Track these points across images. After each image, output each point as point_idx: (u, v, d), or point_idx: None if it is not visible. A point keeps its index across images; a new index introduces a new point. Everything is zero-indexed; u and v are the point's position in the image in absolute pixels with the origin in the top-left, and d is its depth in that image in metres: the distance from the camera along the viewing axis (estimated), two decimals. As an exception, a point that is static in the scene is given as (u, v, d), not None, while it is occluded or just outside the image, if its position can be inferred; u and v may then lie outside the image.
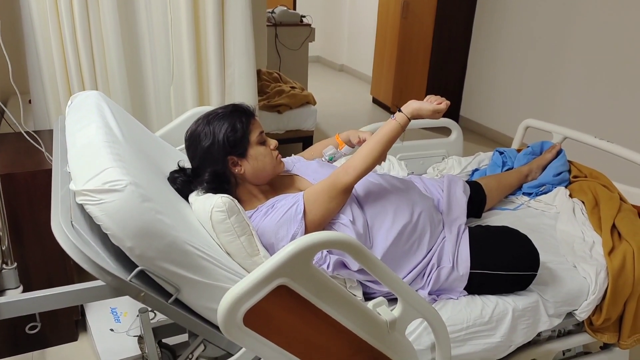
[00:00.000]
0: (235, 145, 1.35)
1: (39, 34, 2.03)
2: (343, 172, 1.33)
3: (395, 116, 1.38)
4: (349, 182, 1.33)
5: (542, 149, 2.13)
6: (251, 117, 1.40)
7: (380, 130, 1.38)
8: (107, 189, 0.96)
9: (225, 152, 1.34)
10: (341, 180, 1.32)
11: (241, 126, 1.35)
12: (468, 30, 4.56)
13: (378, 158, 1.36)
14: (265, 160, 1.39)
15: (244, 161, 1.37)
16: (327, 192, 1.32)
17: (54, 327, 1.91)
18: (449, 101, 1.41)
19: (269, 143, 1.43)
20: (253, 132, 1.38)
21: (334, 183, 1.33)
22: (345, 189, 1.33)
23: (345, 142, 1.69)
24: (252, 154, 1.37)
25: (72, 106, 1.41)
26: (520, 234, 1.50)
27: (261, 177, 1.41)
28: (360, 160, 1.33)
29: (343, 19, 7.10)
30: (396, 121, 1.37)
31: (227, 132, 1.34)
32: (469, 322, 1.35)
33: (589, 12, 3.41)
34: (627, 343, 1.58)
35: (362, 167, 1.33)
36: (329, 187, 1.33)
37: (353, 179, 1.33)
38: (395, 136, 1.37)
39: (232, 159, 1.36)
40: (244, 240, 1.21)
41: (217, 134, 1.33)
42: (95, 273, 0.96)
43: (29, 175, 1.71)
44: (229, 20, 2.34)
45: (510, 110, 4.24)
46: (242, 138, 1.35)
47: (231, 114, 1.36)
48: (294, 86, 3.88)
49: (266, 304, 0.94)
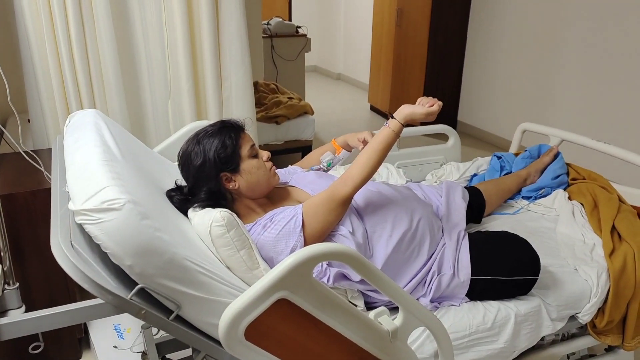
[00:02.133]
0: (226, 162, 1.34)
1: (36, 53, 2.05)
2: (341, 183, 1.33)
3: (389, 123, 1.38)
4: (348, 193, 1.33)
5: (539, 152, 2.13)
6: (240, 131, 1.39)
7: (375, 138, 1.38)
8: (105, 208, 0.96)
9: (217, 169, 1.34)
10: (339, 192, 1.32)
11: (231, 142, 1.34)
12: (463, 36, 4.58)
13: (375, 167, 1.36)
14: (259, 173, 1.38)
15: (237, 176, 1.36)
16: (326, 205, 1.32)
17: (58, 345, 1.91)
18: (440, 102, 1.40)
19: (262, 155, 1.42)
20: (244, 147, 1.37)
21: (333, 195, 1.33)
22: (344, 200, 1.33)
23: (343, 146, 1.70)
24: (245, 168, 1.36)
25: (69, 125, 1.42)
26: (520, 238, 1.50)
27: (257, 190, 1.40)
28: (357, 171, 1.34)
29: (338, 28, 7.14)
30: (390, 128, 1.37)
31: (217, 150, 1.33)
32: (472, 329, 1.34)
33: (582, 16, 3.43)
34: (632, 344, 1.58)
35: (359, 178, 1.33)
36: (328, 200, 1.33)
37: (351, 190, 1.33)
38: (391, 143, 1.37)
39: (225, 175, 1.36)
40: (244, 254, 1.21)
41: (207, 152, 1.33)
42: (95, 292, 0.96)
43: (29, 195, 1.71)
44: (224, 34, 2.36)
45: (508, 114, 4.25)
46: (232, 154, 1.35)
47: (220, 131, 1.36)
48: (292, 97, 3.90)
49: (267, 318, 0.94)
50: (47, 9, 2.00)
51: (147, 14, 2.24)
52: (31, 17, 2.00)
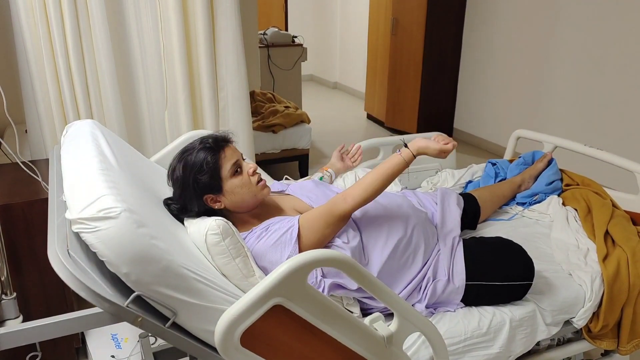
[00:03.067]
0: (207, 186, 1.33)
1: (33, 64, 2.06)
2: (342, 199, 1.33)
3: (401, 151, 1.39)
4: (347, 210, 1.33)
5: (533, 158, 2.15)
6: (220, 150, 1.35)
7: (384, 163, 1.38)
8: (101, 216, 0.97)
9: (199, 194, 1.33)
10: (339, 208, 1.33)
11: (208, 166, 1.31)
12: (458, 44, 4.62)
13: (378, 190, 1.36)
14: (243, 192, 1.36)
15: (221, 197, 1.35)
16: (323, 219, 1.33)
17: (55, 355, 1.91)
18: (456, 142, 1.43)
19: (246, 169, 1.39)
20: (224, 167, 1.34)
21: (331, 210, 1.33)
22: (342, 217, 1.34)
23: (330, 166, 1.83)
24: (228, 189, 1.35)
25: (67, 135, 1.43)
26: (514, 244, 1.51)
27: (243, 207, 1.39)
28: (360, 190, 1.34)
29: (334, 38, 7.19)
30: (401, 156, 1.38)
31: (195, 175, 1.31)
32: (467, 334, 1.35)
33: (575, 24, 3.47)
34: (627, 349, 1.59)
35: (361, 197, 1.33)
36: (326, 214, 1.33)
37: (351, 208, 1.33)
38: (399, 171, 1.37)
39: (209, 197, 1.35)
40: (239, 262, 1.22)
41: (187, 178, 1.32)
42: (92, 300, 0.97)
43: (26, 205, 1.72)
44: (221, 45, 2.38)
45: (502, 121, 4.28)
46: (212, 177, 1.32)
47: (198, 153, 1.33)
48: (288, 106, 3.92)
49: (262, 324, 0.95)
50: (45, 20, 2.02)
51: (143, 24, 2.26)
52: (28, 28, 2.02)
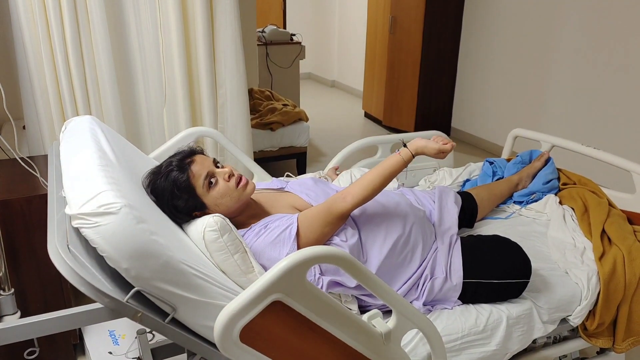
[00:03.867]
0: (188, 208, 1.32)
1: (32, 60, 2.06)
2: (340, 198, 1.34)
3: (400, 151, 1.40)
4: (346, 209, 1.33)
5: (531, 157, 2.16)
6: (187, 169, 1.31)
7: (384, 162, 1.39)
8: (102, 211, 0.97)
9: (185, 215, 1.32)
10: (338, 207, 1.33)
11: (180, 190, 1.29)
12: (456, 43, 4.63)
13: (377, 189, 1.36)
14: (225, 200, 1.34)
15: (208, 210, 1.34)
16: (322, 217, 1.33)
17: (52, 351, 1.91)
18: (454, 143, 1.44)
19: (221, 175, 1.35)
20: (197, 185, 1.31)
21: (330, 209, 1.33)
22: (341, 216, 1.34)
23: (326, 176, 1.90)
24: (209, 203, 1.33)
25: (66, 131, 1.43)
26: (512, 242, 1.52)
27: (232, 212, 1.37)
28: (359, 189, 1.34)
29: (333, 36, 7.19)
30: (400, 156, 1.38)
31: (173, 203, 1.30)
32: (464, 332, 1.36)
33: (573, 23, 3.49)
34: (622, 347, 1.60)
35: (360, 196, 1.34)
36: (325, 213, 1.33)
37: (350, 207, 1.33)
38: (397, 170, 1.38)
39: (196, 214, 1.33)
40: (238, 258, 1.22)
41: (166, 206, 1.30)
42: (92, 295, 0.97)
43: (24, 201, 1.72)
44: (219, 42, 2.39)
45: (500, 120, 4.29)
46: (188, 201, 1.31)
47: (166, 178, 1.30)
48: (286, 103, 3.92)
49: (262, 320, 0.96)
50: (44, 16, 2.02)
51: (142, 20, 2.26)
52: (27, 24, 2.01)
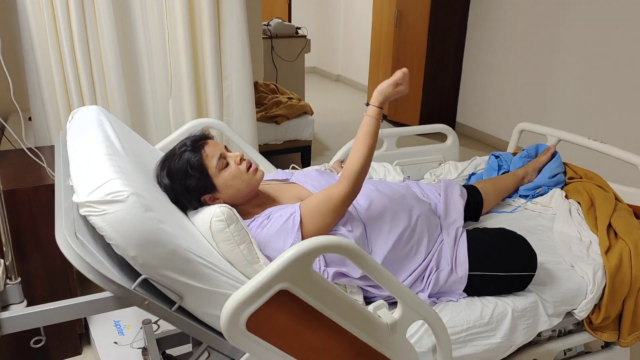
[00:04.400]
0: (199, 188, 1.31)
1: (38, 51, 2.06)
2: (336, 183, 1.32)
3: (367, 111, 1.37)
4: (344, 192, 1.31)
5: (537, 151, 2.15)
6: (201, 149, 1.33)
7: (360, 131, 1.36)
8: (109, 199, 0.98)
9: (195, 197, 1.32)
10: (335, 191, 1.31)
11: (194, 169, 1.30)
12: (462, 37, 4.61)
13: (366, 158, 1.32)
14: (235, 182, 1.34)
15: (217, 194, 1.34)
16: (323, 205, 1.31)
17: (58, 341, 1.92)
18: (406, 69, 1.38)
19: (232, 158, 1.36)
20: (209, 165, 1.32)
21: (330, 195, 1.31)
22: (342, 202, 1.31)
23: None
24: (220, 184, 1.33)
25: (72, 121, 1.44)
26: (518, 235, 1.51)
27: (242, 197, 1.38)
28: (350, 167, 1.32)
29: (338, 30, 7.16)
30: (369, 115, 1.35)
31: (185, 181, 1.30)
32: (469, 324, 1.36)
33: (579, 17, 3.46)
34: (627, 341, 1.59)
35: (353, 173, 1.31)
36: (325, 201, 1.31)
37: (347, 187, 1.31)
38: (375, 130, 1.34)
39: (206, 197, 1.33)
40: (244, 249, 1.22)
41: (175, 186, 1.30)
42: (100, 282, 0.98)
43: (31, 191, 1.73)
44: (225, 34, 2.38)
45: (505, 114, 4.28)
46: (200, 179, 1.31)
47: (180, 158, 1.31)
48: (291, 97, 3.92)
49: (268, 309, 0.96)
50: (50, 6, 2.02)
51: (148, 12, 2.26)
52: (34, 14, 2.02)
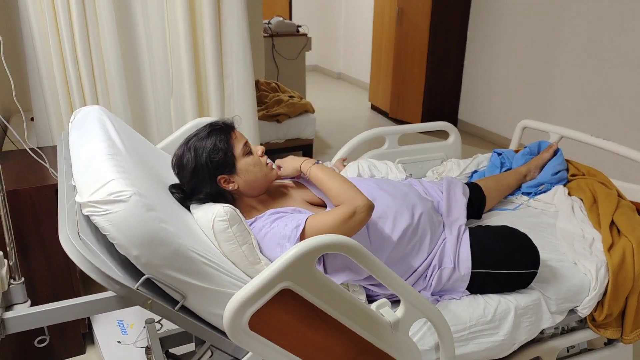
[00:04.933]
0: (221, 165, 1.33)
1: (40, 51, 2.07)
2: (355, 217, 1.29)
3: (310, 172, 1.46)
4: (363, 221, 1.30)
5: (539, 148, 2.15)
6: (230, 131, 1.37)
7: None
8: (112, 199, 0.98)
9: (212, 173, 1.33)
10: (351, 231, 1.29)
11: (222, 144, 1.33)
12: (463, 35, 4.60)
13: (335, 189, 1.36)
14: (256, 170, 1.37)
15: (235, 177, 1.35)
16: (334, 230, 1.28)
17: (62, 340, 1.93)
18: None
19: (255, 150, 1.41)
20: (236, 146, 1.35)
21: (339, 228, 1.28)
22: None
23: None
24: (241, 167, 1.35)
25: (74, 121, 1.44)
26: (520, 232, 1.51)
27: (256, 187, 1.39)
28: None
29: (339, 28, 7.15)
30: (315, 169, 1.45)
31: (210, 154, 1.31)
32: (472, 322, 1.36)
33: (581, 13, 3.45)
34: (630, 338, 1.59)
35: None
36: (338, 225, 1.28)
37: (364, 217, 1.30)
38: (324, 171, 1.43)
39: (222, 178, 1.34)
40: (246, 249, 1.22)
41: (199, 157, 1.31)
42: (103, 282, 0.98)
43: (33, 191, 1.73)
44: (226, 33, 2.38)
45: (507, 111, 4.27)
46: (226, 155, 1.33)
47: (209, 134, 1.34)
48: (293, 95, 3.92)
49: (271, 308, 0.96)
50: (51, 7, 2.02)
51: (149, 12, 2.26)
52: (35, 15, 2.02)
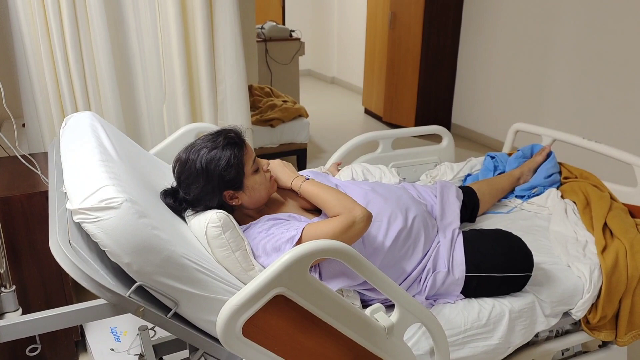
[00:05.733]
0: (229, 183, 1.30)
1: (31, 56, 2.05)
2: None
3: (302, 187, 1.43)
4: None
5: (532, 152, 2.16)
6: (243, 146, 1.33)
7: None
8: (103, 206, 0.97)
9: (221, 189, 1.30)
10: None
11: (235, 160, 1.29)
12: (456, 38, 4.62)
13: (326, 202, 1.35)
14: (261, 188, 1.35)
15: (240, 193, 1.33)
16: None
17: (54, 348, 1.91)
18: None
19: (262, 165, 1.38)
20: (247, 164, 1.32)
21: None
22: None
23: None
24: (249, 185, 1.33)
25: (66, 127, 1.43)
26: (514, 235, 1.51)
27: (257, 202, 1.38)
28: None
29: (332, 32, 7.17)
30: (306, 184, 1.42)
31: (222, 170, 1.27)
32: (467, 326, 1.36)
33: (573, 18, 3.48)
34: (624, 340, 1.60)
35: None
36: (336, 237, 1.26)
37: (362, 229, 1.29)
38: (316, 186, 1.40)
39: (228, 194, 1.32)
40: (239, 256, 1.22)
41: (211, 171, 1.27)
42: (94, 290, 0.97)
43: (25, 198, 1.72)
44: (219, 38, 2.38)
45: (500, 115, 4.29)
46: (238, 173, 1.30)
47: (224, 148, 1.29)
48: (286, 100, 3.92)
49: (264, 314, 0.96)
50: (42, 13, 2.01)
51: (141, 17, 2.25)
52: (26, 21, 2.01)
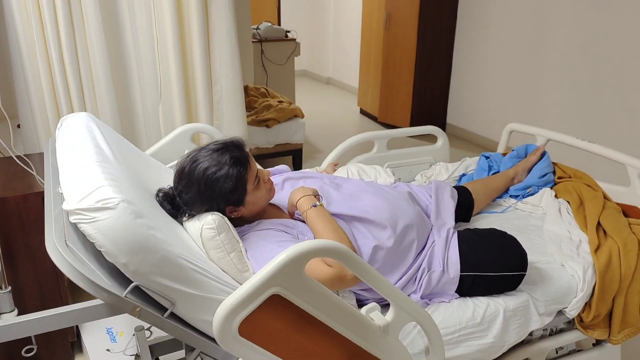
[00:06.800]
0: (232, 200, 1.30)
1: (26, 57, 2.05)
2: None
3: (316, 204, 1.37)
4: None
5: (526, 152, 2.17)
6: (248, 163, 1.31)
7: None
8: (99, 207, 0.98)
9: (222, 206, 1.30)
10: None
11: (240, 182, 1.28)
12: (451, 39, 4.64)
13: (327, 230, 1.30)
14: (261, 201, 1.36)
15: (240, 208, 1.33)
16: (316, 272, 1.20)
17: (50, 349, 1.90)
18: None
19: (263, 176, 1.37)
20: (249, 181, 1.31)
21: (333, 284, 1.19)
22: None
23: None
24: (250, 200, 1.33)
25: (62, 128, 1.43)
26: (508, 235, 1.52)
27: (256, 212, 1.38)
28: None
29: (328, 33, 7.18)
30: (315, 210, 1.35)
31: (227, 192, 1.27)
32: (462, 324, 1.37)
33: (567, 18, 3.50)
34: (618, 338, 1.61)
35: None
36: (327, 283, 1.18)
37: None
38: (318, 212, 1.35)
39: (229, 209, 1.32)
40: (234, 257, 1.22)
41: (215, 194, 1.26)
42: (90, 290, 0.97)
43: (20, 199, 1.71)
44: (215, 38, 2.38)
45: (495, 115, 4.31)
46: (240, 193, 1.30)
47: (230, 168, 1.26)
48: (282, 100, 3.92)
49: (260, 314, 0.96)
50: (37, 13, 2.01)
51: (137, 17, 2.25)
52: (21, 21, 2.00)
